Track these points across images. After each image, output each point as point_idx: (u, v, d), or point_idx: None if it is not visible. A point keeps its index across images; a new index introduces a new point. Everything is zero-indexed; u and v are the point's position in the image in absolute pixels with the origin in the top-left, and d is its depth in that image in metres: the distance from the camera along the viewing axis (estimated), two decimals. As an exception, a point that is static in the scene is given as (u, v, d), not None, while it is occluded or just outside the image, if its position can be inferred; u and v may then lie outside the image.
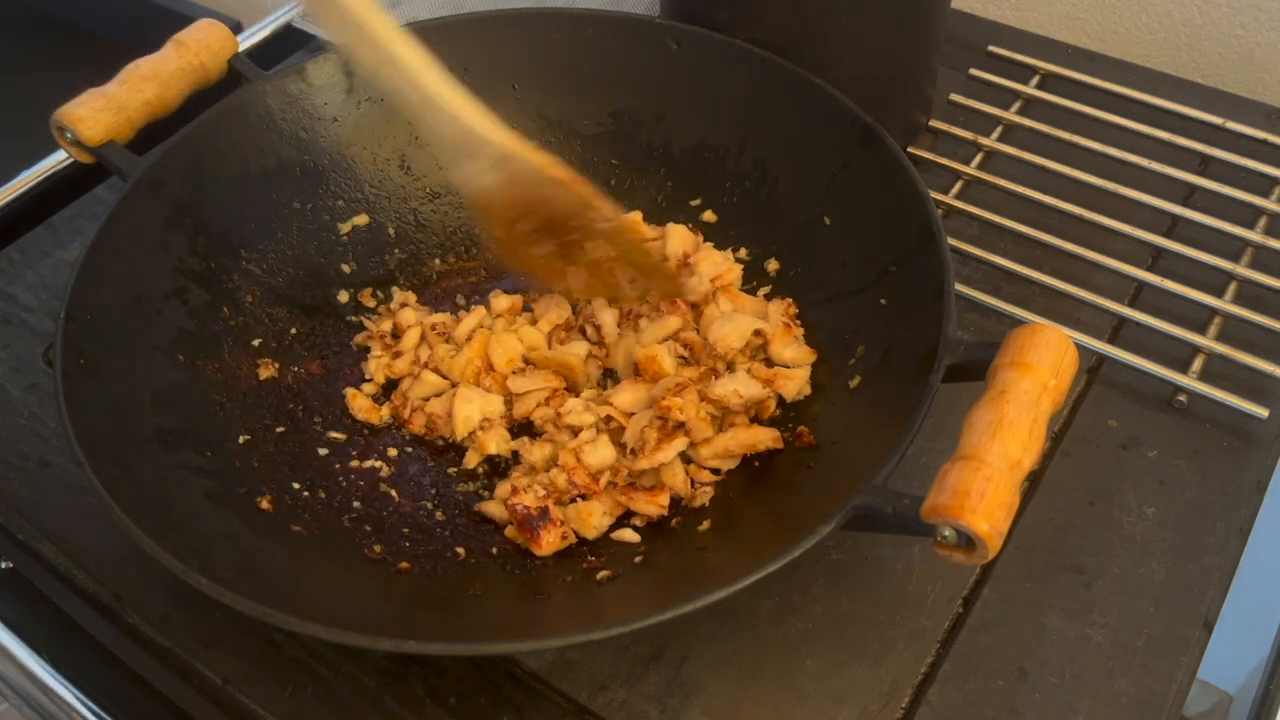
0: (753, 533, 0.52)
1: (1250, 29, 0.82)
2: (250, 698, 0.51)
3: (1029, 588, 0.54)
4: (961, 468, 0.43)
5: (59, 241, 0.72)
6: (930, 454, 0.58)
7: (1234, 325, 0.63)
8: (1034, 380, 0.45)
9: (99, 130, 0.61)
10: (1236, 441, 0.59)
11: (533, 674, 0.51)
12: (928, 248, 0.54)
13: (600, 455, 0.56)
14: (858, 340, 0.58)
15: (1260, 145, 0.73)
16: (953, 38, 0.81)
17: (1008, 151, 0.74)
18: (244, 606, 0.43)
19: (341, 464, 0.59)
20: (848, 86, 0.62)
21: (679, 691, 0.50)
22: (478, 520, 0.57)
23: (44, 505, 0.58)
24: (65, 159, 0.76)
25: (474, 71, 0.69)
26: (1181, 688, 0.50)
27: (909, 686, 0.50)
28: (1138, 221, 0.68)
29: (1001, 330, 0.63)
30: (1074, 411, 0.61)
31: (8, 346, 0.66)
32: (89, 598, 0.55)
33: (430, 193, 0.70)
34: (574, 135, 0.71)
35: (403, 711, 0.50)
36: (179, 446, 0.54)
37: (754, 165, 0.67)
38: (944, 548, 0.43)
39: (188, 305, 0.60)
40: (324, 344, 0.64)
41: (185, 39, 0.65)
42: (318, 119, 0.67)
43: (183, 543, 0.47)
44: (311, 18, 0.47)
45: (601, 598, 0.51)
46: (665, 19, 0.69)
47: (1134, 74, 0.80)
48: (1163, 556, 0.55)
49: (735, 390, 0.57)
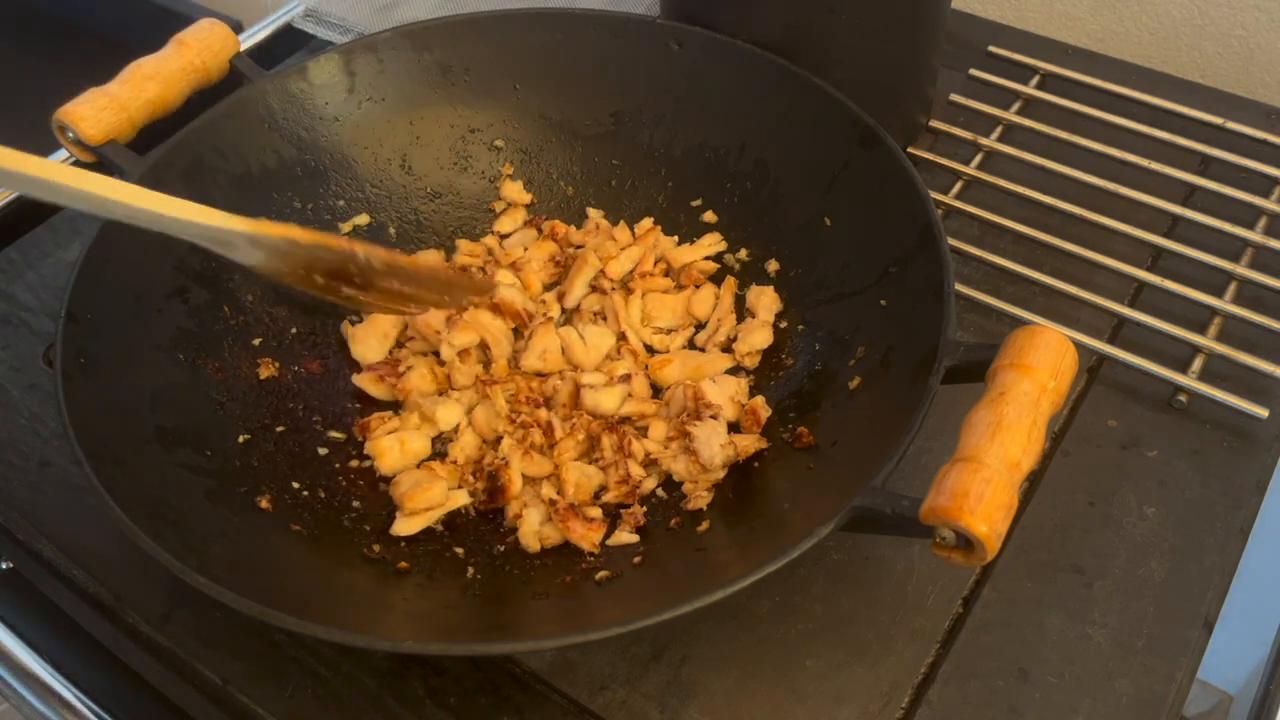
0: (752, 533, 0.52)
1: (1250, 29, 0.82)
2: (250, 698, 0.51)
3: (1029, 588, 0.54)
4: (960, 469, 0.43)
5: (59, 241, 0.72)
6: (930, 455, 0.58)
7: (1234, 325, 0.63)
8: (1033, 382, 0.45)
9: (100, 129, 0.61)
10: (1236, 441, 0.59)
11: (533, 674, 0.51)
12: (928, 249, 0.54)
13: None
14: (858, 341, 0.58)
15: (1260, 145, 0.73)
16: (953, 38, 0.81)
17: (1008, 152, 0.74)
18: (244, 606, 0.43)
19: (341, 464, 0.59)
20: (848, 87, 0.62)
21: (679, 691, 0.50)
22: (477, 520, 0.57)
23: (44, 505, 0.58)
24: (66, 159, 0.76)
25: (474, 71, 0.69)
26: (1181, 688, 0.50)
27: (909, 686, 0.51)
28: (1138, 221, 0.68)
29: (1002, 330, 0.64)
30: (1074, 412, 0.61)
31: (8, 346, 0.66)
32: (89, 598, 0.55)
33: (431, 192, 0.70)
34: (575, 136, 0.71)
35: (403, 711, 0.50)
36: (179, 446, 0.54)
37: (754, 166, 0.67)
38: (943, 549, 0.43)
39: (188, 304, 0.60)
40: (324, 343, 0.64)
41: (186, 38, 0.65)
42: (319, 118, 0.67)
43: (182, 542, 0.47)
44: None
45: (601, 598, 0.51)
46: (666, 19, 0.69)
47: (1134, 74, 0.80)
48: (1163, 556, 0.55)
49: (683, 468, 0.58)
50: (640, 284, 0.66)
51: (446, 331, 0.62)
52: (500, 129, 0.71)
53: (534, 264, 0.67)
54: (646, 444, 0.58)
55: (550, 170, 0.71)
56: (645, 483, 0.57)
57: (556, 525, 0.55)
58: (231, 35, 0.66)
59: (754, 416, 0.58)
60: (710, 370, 0.62)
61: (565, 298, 0.66)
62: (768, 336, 0.62)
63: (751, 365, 0.62)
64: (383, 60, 0.68)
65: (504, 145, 0.71)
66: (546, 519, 0.55)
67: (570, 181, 0.71)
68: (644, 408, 0.60)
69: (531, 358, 0.62)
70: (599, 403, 0.59)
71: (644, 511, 0.56)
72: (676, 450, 0.58)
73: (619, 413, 0.60)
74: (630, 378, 0.60)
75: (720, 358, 0.62)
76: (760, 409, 0.58)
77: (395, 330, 0.64)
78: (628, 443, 0.58)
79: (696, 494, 0.56)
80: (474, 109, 0.70)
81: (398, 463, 0.58)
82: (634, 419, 0.60)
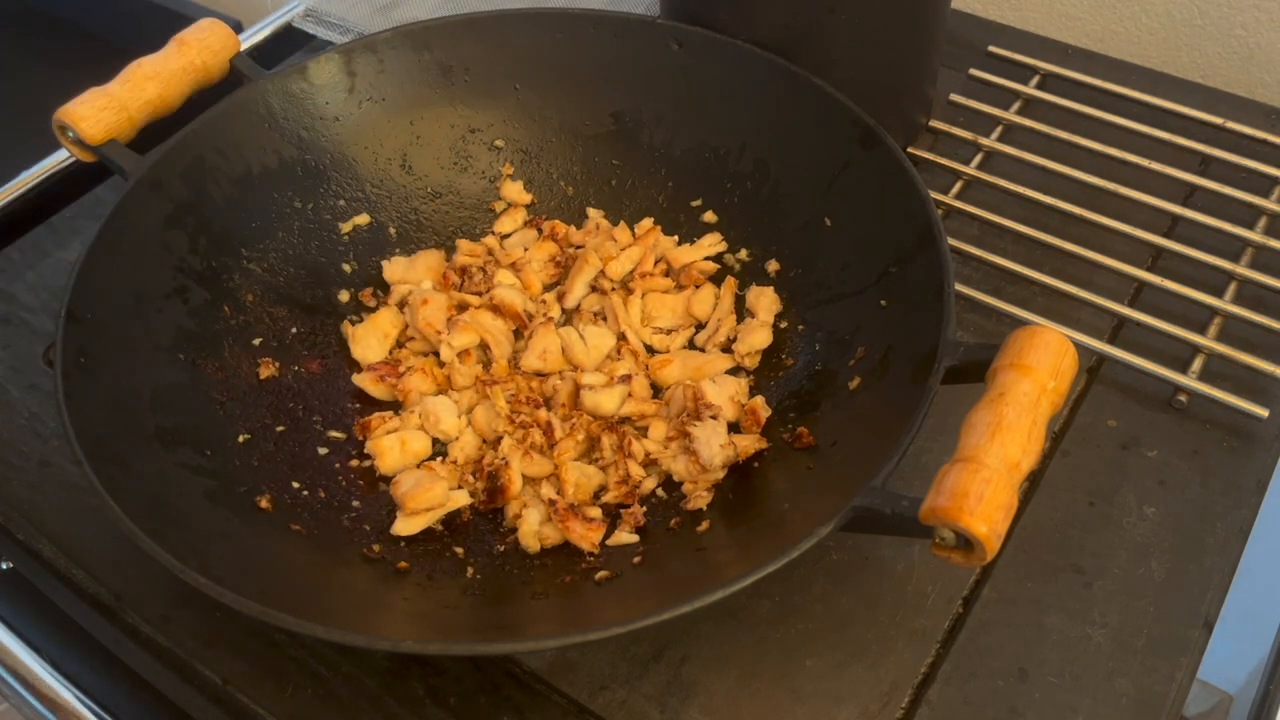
0: (752, 533, 0.52)
1: (1250, 29, 0.82)
2: (250, 698, 0.51)
3: (1029, 588, 0.54)
4: (960, 470, 0.43)
5: (59, 241, 0.72)
6: (930, 455, 0.58)
7: (1234, 325, 0.63)
8: (1033, 382, 0.45)
9: (101, 129, 0.61)
10: (1236, 441, 0.59)
11: (533, 674, 0.51)
12: (928, 249, 0.54)
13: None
14: (858, 341, 0.58)
15: (1260, 145, 0.73)
16: (953, 38, 0.81)
17: (1008, 151, 0.74)
18: (244, 606, 0.43)
19: (341, 463, 0.59)
20: (848, 87, 0.62)
21: (679, 691, 0.50)
22: (477, 520, 0.57)
23: (44, 505, 0.58)
24: (65, 159, 0.76)
25: (474, 72, 0.69)
26: (1181, 688, 0.50)
27: (909, 686, 0.51)
28: (1138, 221, 0.68)
29: (1002, 330, 0.64)
30: (1074, 412, 0.61)
31: (8, 346, 0.66)
32: (89, 598, 0.55)
33: (431, 192, 0.70)
34: (575, 136, 0.71)
35: (403, 711, 0.50)
36: (179, 445, 0.54)
37: (754, 166, 0.67)
38: (942, 549, 0.43)
39: (188, 304, 0.60)
40: (324, 343, 0.64)
41: (187, 38, 0.65)
42: (319, 118, 0.67)
43: (182, 542, 0.47)
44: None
45: (601, 598, 0.51)
46: (666, 19, 0.69)
47: (1134, 74, 0.80)
48: (1163, 556, 0.55)
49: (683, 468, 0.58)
50: (640, 284, 0.66)
51: (446, 332, 0.62)
52: (500, 129, 0.71)
53: (534, 264, 0.67)
54: (646, 444, 0.58)
55: (550, 170, 0.71)
56: (645, 483, 0.57)
57: (556, 525, 0.55)
58: (232, 35, 0.66)
59: (754, 417, 0.58)
60: (710, 370, 0.62)
61: (565, 298, 0.66)
62: (767, 336, 0.62)
63: (751, 365, 0.62)
64: (383, 60, 0.68)
65: (504, 145, 0.71)
66: (546, 519, 0.55)
67: (570, 181, 0.71)
68: (644, 408, 0.60)
69: (531, 358, 0.62)
70: (599, 403, 0.59)
71: (644, 511, 0.56)
72: (676, 450, 0.58)
73: (619, 413, 0.60)
74: (630, 378, 0.60)
75: (720, 358, 0.62)
76: (760, 409, 0.58)
77: (395, 330, 0.64)
78: (628, 443, 0.58)
79: (696, 494, 0.56)
80: (474, 109, 0.70)
81: (398, 463, 0.58)
82: (634, 419, 0.60)
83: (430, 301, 0.63)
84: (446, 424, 0.59)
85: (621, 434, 0.58)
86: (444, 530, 0.56)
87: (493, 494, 0.56)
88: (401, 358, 0.63)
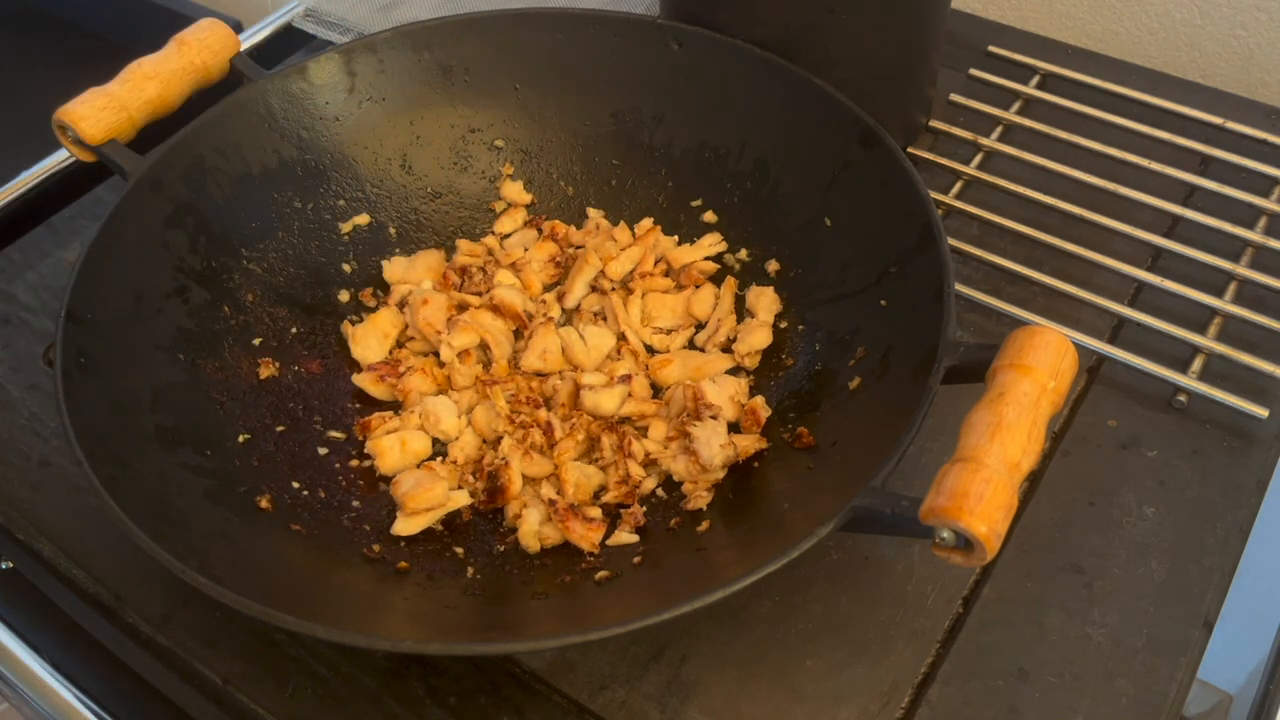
0: (752, 533, 0.52)
1: (1250, 29, 0.82)
2: (250, 698, 0.51)
3: (1029, 588, 0.54)
4: (960, 469, 0.43)
5: (59, 241, 0.72)
6: (930, 455, 0.58)
7: (1234, 325, 0.63)
8: (1033, 382, 0.45)
9: (101, 129, 0.61)
10: (1236, 441, 0.59)
11: (533, 674, 0.51)
12: (928, 249, 0.54)
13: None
14: (858, 341, 0.58)
15: (1260, 145, 0.73)
16: (953, 38, 0.81)
17: (1008, 151, 0.74)
18: (244, 606, 0.43)
19: (341, 463, 0.59)
20: (848, 87, 0.62)
21: (679, 691, 0.50)
22: (477, 520, 0.57)
23: (44, 505, 0.58)
24: (65, 159, 0.76)
25: (474, 71, 0.69)
26: (1181, 688, 0.50)
27: (909, 686, 0.51)
28: (1138, 221, 0.68)
29: (1002, 330, 0.64)
30: (1074, 411, 0.61)
31: (8, 346, 0.66)
32: (89, 598, 0.55)
33: (431, 192, 0.70)
34: (575, 136, 0.71)
35: (403, 711, 0.50)
36: (179, 445, 0.54)
37: (755, 166, 0.67)
38: (942, 549, 0.43)
39: (188, 304, 0.60)
40: (324, 343, 0.64)
41: (187, 38, 0.65)
42: (319, 118, 0.67)
43: (182, 542, 0.47)
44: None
45: (601, 598, 0.51)
46: (666, 19, 0.69)
47: (1134, 74, 0.80)
48: (1163, 556, 0.55)
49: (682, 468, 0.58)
50: (640, 284, 0.66)
51: (447, 332, 0.62)
52: (500, 129, 0.71)
53: (534, 264, 0.67)
54: (646, 444, 0.58)
55: (550, 170, 0.71)
56: (645, 483, 0.57)
57: (556, 525, 0.55)
58: (232, 35, 0.66)
59: (754, 417, 0.58)
60: (710, 370, 0.62)
61: (565, 298, 0.66)
62: (767, 336, 0.62)
63: (751, 365, 0.62)
64: (383, 60, 0.68)
65: (504, 145, 0.71)
66: (546, 519, 0.55)
67: (570, 181, 0.71)
68: (644, 408, 0.60)
69: (531, 358, 0.62)
70: (599, 403, 0.59)
71: (644, 511, 0.56)
72: (676, 450, 0.58)
73: (619, 413, 0.60)
74: (630, 378, 0.60)
75: (720, 358, 0.62)
76: (760, 409, 0.58)
77: (395, 330, 0.64)
78: (628, 443, 0.58)
79: (696, 494, 0.56)
80: (474, 109, 0.70)
81: (398, 462, 0.58)
82: (634, 419, 0.60)
83: (430, 301, 0.63)
84: (446, 424, 0.59)
85: (621, 434, 0.58)
86: (444, 530, 0.56)
87: (493, 494, 0.56)
88: (401, 358, 0.63)
